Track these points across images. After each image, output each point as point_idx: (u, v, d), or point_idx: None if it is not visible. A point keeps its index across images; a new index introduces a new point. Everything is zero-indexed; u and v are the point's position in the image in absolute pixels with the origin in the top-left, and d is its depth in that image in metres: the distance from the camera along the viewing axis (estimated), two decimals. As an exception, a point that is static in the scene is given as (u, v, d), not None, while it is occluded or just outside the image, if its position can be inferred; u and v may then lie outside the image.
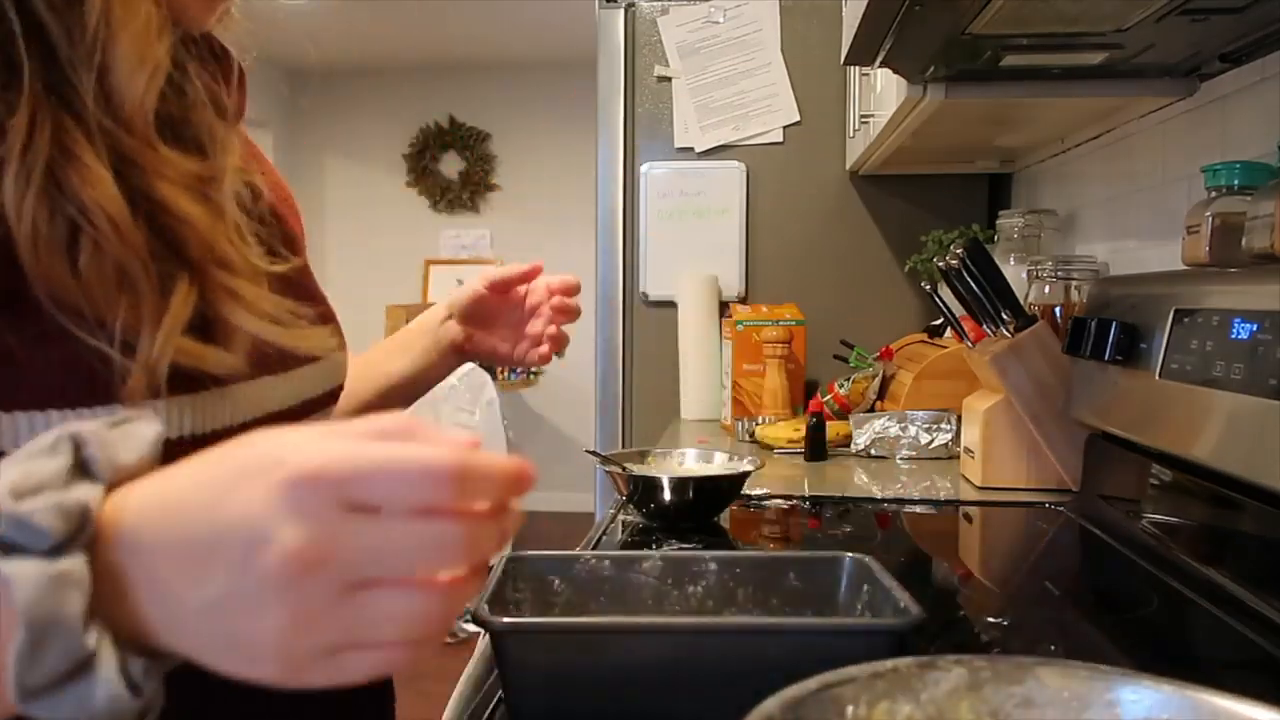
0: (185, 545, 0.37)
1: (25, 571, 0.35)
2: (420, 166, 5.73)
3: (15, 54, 0.49)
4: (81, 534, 0.36)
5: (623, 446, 2.48)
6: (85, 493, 0.37)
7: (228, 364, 0.54)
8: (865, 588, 0.74)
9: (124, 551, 0.37)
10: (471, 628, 0.36)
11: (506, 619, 0.66)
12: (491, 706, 0.73)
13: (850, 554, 0.78)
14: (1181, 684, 0.48)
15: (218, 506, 0.37)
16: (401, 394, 1.00)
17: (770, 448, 1.81)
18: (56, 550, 0.35)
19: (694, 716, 0.63)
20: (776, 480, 1.53)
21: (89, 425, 0.39)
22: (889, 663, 0.51)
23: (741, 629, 0.71)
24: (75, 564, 0.36)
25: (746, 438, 1.91)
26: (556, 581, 0.77)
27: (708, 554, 0.80)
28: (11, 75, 0.49)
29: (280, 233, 0.68)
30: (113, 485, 0.38)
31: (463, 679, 0.82)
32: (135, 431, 0.40)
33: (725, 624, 0.74)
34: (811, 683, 0.49)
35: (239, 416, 0.57)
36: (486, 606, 0.66)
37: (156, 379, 0.50)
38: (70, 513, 0.36)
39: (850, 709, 0.49)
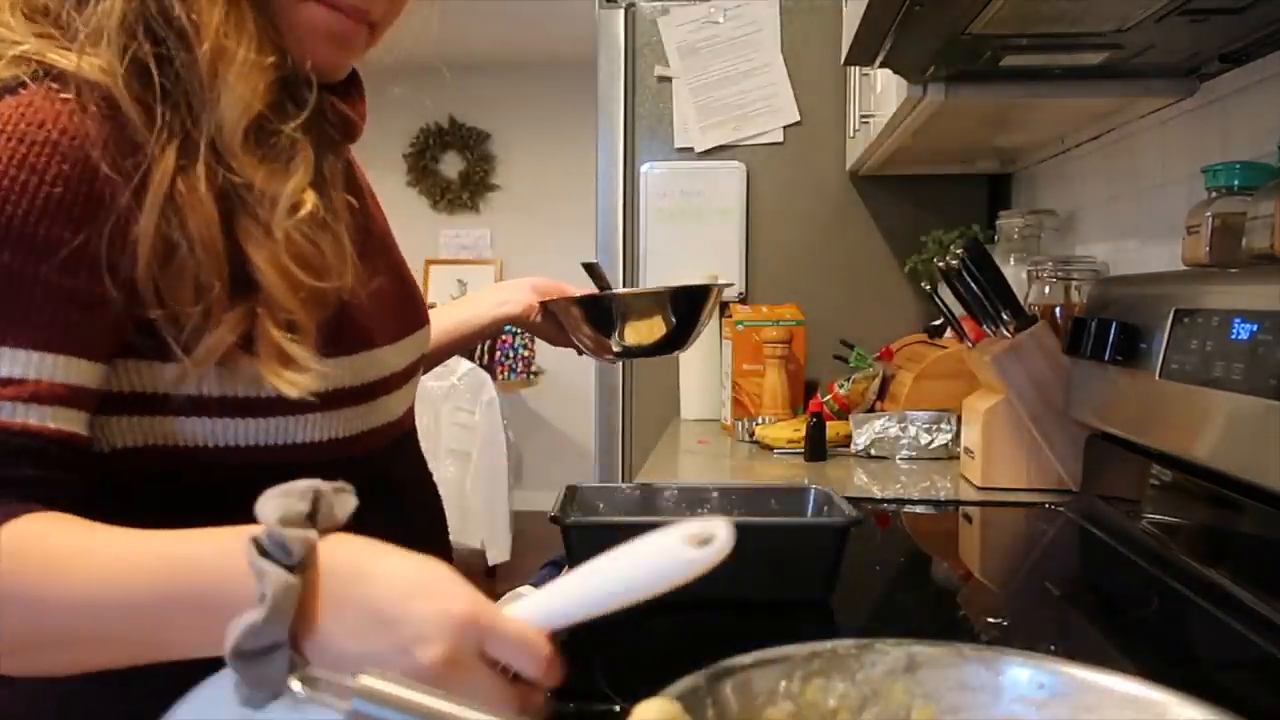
0: (371, 610, 0.52)
1: (278, 575, 0.49)
2: (420, 166, 5.73)
3: (153, 97, 0.63)
4: (307, 561, 0.51)
5: (622, 446, 2.48)
6: (313, 535, 0.52)
7: (301, 385, 0.66)
8: (825, 508, 1.00)
9: (328, 581, 0.52)
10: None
11: (573, 517, 0.95)
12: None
13: (815, 486, 1.04)
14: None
15: (406, 601, 0.52)
16: (439, 355, 1.15)
17: (770, 448, 1.81)
18: (291, 568, 0.50)
19: (702, 587, 0.76)
20: (777, 481, 1.53)
21: (325, 485, 0.54)
22: (828, 643, 0.51)
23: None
24: (300, 581, 0.50)
25: (746, 438, 1.91)
26: (601, 505, 1.05)
27: (710, 485, 1.09)
28: (152, 107, 0.63)
29: (369, 244, 0.82)
30: (323, 531, 0.54)
31: None
32: (345, 500, 0.55)
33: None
34: (745, 658, 0.49)
35: (377, 374, 0.76)
36: (559, 514, 0.93)
37: (199, 373, 0.64)
38: (308, 545, 0.51)
39: (783, 684, 0.49)
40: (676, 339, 1.18)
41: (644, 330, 1.16)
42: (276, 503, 0.52)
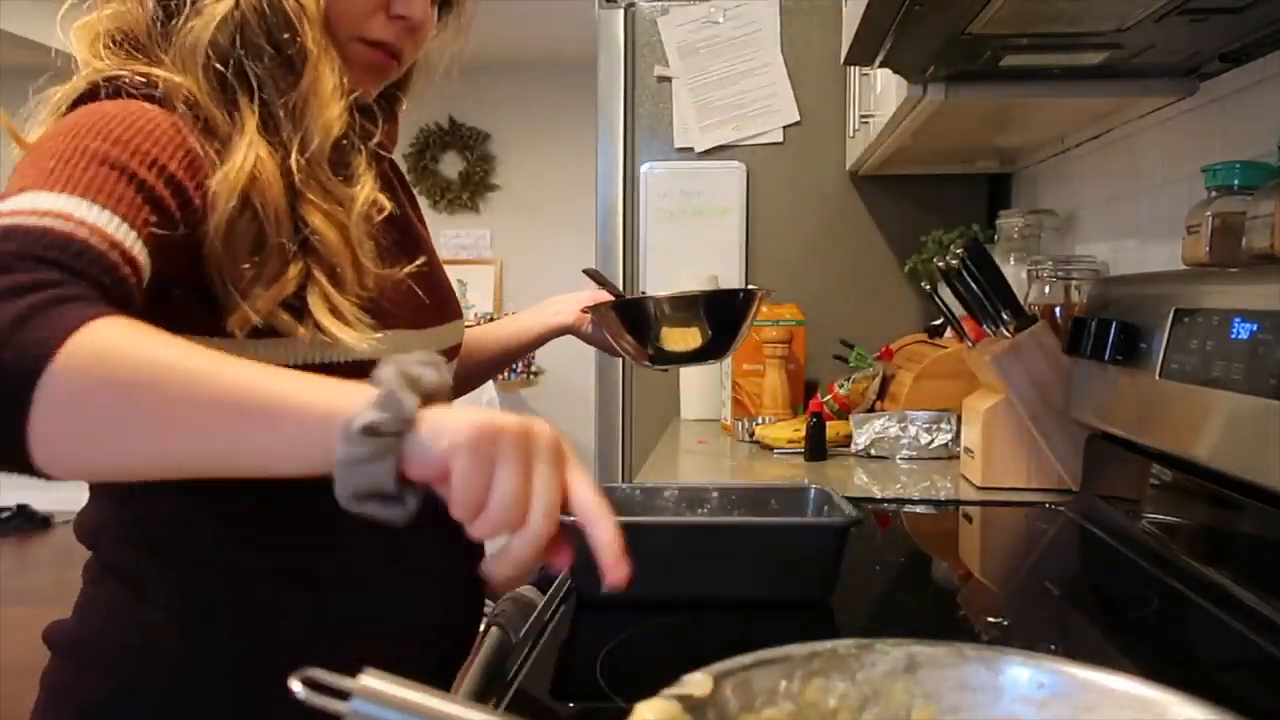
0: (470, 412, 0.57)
1: (390, 373, 0.55)
2: (420, 166, 5.73)
3: (240, 102, 0.76)
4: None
5: (622, 446, 2.48)
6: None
7: (352, 336, 0.76)
8: (825, 508, 1.00)
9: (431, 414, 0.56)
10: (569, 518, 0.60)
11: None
12: (502, 690, 0.73)
13: (815, 486, 1.04)
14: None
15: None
16: (494, 361, 1.25)
17: (770, 448, 1.81)
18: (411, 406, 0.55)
19: (702, 587, 0.90)
20: (777, 480, 1.53)
21: (436, 357, 0.60)
22: (828, 643, 0.51)
23: (730, 525, 1.01)
24: (414, 398, 0.55)
25: (746, 437, 1.91)
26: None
27: (710, 485, 1.08)
28: (234, 111, 0.76)
29: (407, 238, 0.92)
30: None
31: (476, 663, 0.85)
32: (442, 365, 0.60)
33: (719, 521, 1.04)
34: (745, 658, 0.49)
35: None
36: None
37: (247, 325, 0.73)
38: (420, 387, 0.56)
39: (783, 684, 0.49)
40: (717, 346, 1.17)
41: (682, 337, 1.15)
42: (415, 358, 0.58)
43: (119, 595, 0.83)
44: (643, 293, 1.17)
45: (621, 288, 2.44)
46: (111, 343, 0.55)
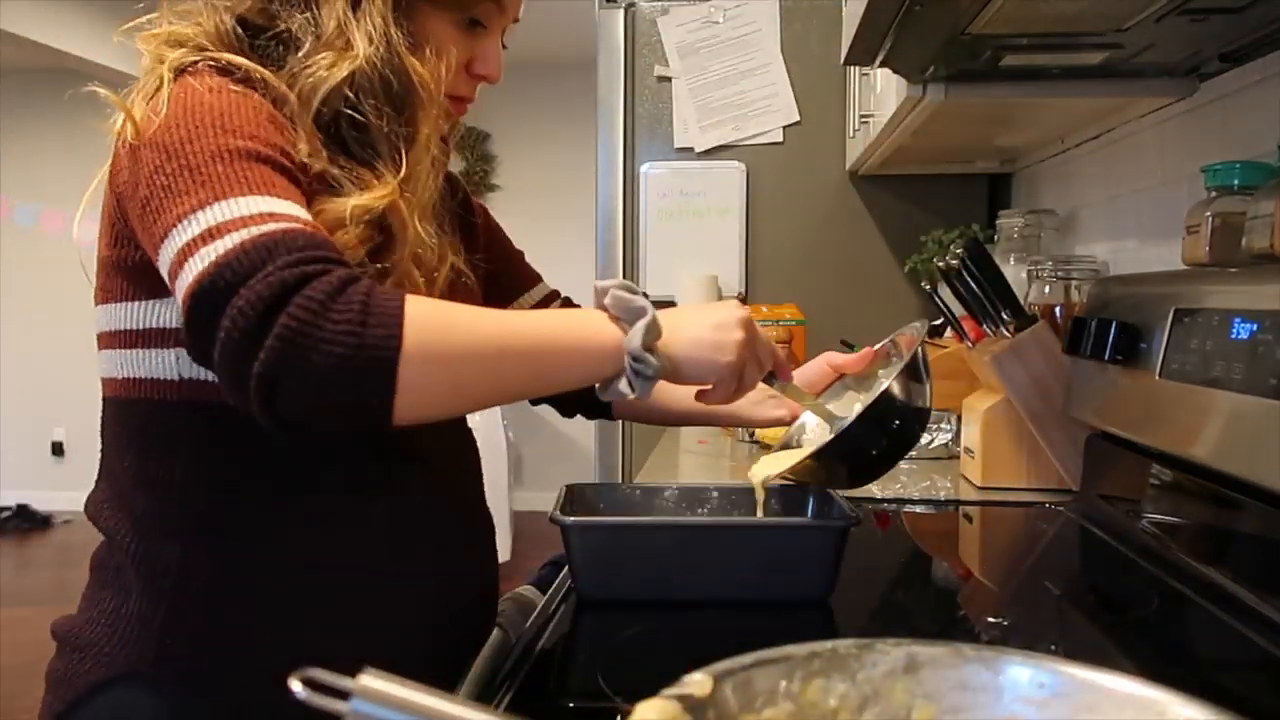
0: (699, 308, 0.84)
1: (648, 306, 0.78)
2: (420, 166, 5.73)
3: (382, 167, 0.84)
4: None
5: (622, 446, 2.48)
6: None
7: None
8: (825, 508, 1.01)
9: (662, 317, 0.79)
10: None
11: (573, 517, 0.96)
12: (502, 691, 0.73)
13: (815, 485, 1.04)
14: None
15: (719, 305, 0.84)
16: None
17: (770, 448, 1.81)
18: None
19: (702, 587, 0.92)
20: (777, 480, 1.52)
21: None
22: (828, 643, 0.51)
23: (730, 525, 1.02)
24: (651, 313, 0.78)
25: (746, 437, 1.91)
26: (601, 505, 1.07)
27: (710, 485, 1.09)
28: (377, 174, 0.84)
29: (472, 240, 1.06)
30: None
31: (476, 663, 0.85)
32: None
33: (719, 521, 1.05)
34: (745, 658, 0.49)
35: None
36: (559, 514, 0.94)
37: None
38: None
39: (783, 684, 0.49)
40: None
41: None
42: (614, 281, 0.79)
43: (111, 583, 0.84)
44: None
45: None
46: (434, 316, 0.70)
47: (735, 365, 0.82)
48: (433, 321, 0.69)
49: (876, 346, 1.14)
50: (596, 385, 0.78)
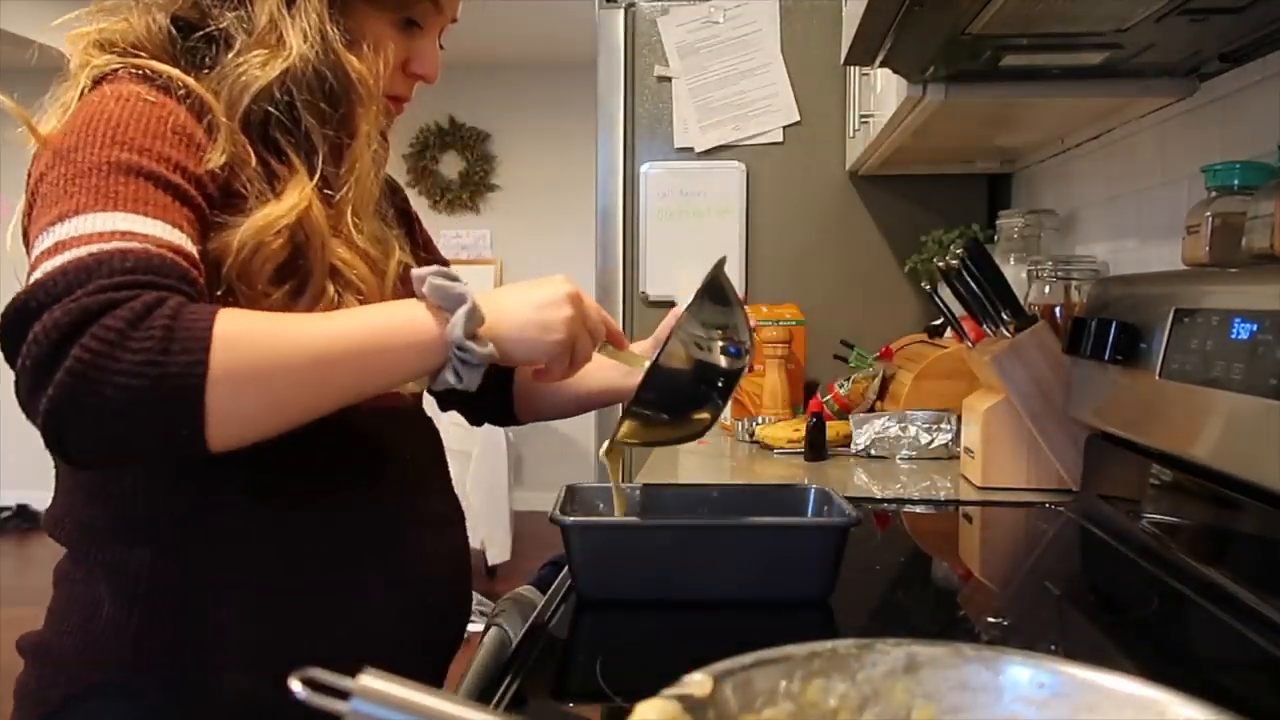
0: (522, 287, 0.82)
1: (468, 292, 0.76)
2: (420, 166, 5.73)
3: (283, 146, 0.83)
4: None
5: (623, 446, 2.48)
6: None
7: None
8: (825, 507, 1.02)
9: (484, 302, 0.77)
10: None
11: (573, 518, 0.96)
12: (502, 690, 0.73)
13: (815, 486, 1.05)
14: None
15: (544, 281, 0.83)
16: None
17: (770, 448, 1.81)
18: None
19: (702, 587, 0.92)
20: (777, 480, 1.53)
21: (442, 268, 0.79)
22: (828, 643, 0.51)
23: (730, 525, 1.00)
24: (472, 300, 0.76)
25: (746, 438, 1.91)
26: (601, 505, 1.06)
27: (711, 485, 1.09)
28: (271, 154, 0.83)
29: (413, 236, 1.07)
30: None
31: (476, 663, 0.85)
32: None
33: (719, 521, 1.03)
34: (745, 658, 0.49)
35: None
36: (559, 514, 0.94)
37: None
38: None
39: (783, 684, 0.49)
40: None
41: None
42: (430, 269, 0.76)
43: (79, 595, 0.82)
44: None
45: (621, 287, 2.45)
46: (244, 334, 0.67)
47: (565, 342, 0.81)
48: (241, 339, 0.66)
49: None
50: (428, 379, 0.77)
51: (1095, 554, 1.18)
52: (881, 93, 1.80)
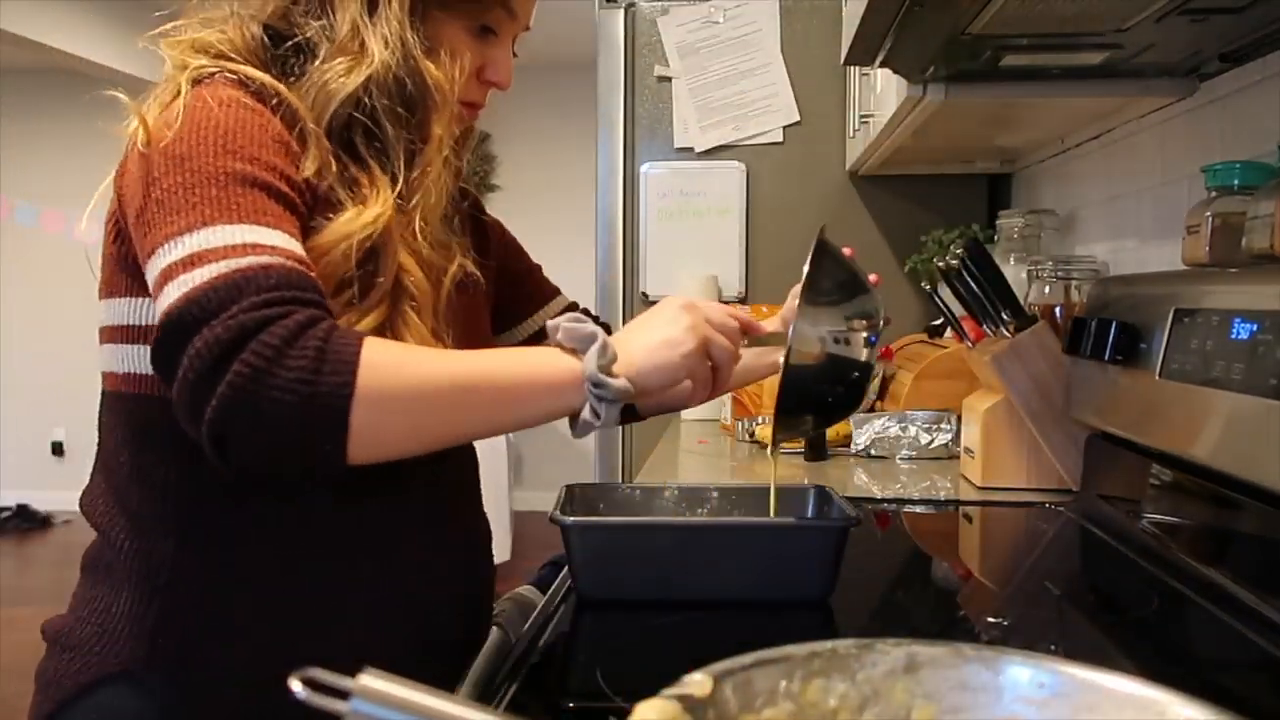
0: (642, 319, 0.85)
1: (598, 331, 0.78)
2: (420, 166, 5.73)
3: (362, 152, 0.84)
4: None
5: (622, 446, 2.48)
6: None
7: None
8: (825, 507, 1.01)
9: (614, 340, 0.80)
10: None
11: (573, 518, 0.96)
12: (502, 690, 0.73)
13: (815, 485, 1.06)
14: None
15: (657, 306, 0.86)
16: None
17: (767, 446, 1.81)
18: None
19: (702, 587, 0.92)
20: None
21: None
22: (828, 643, 0.51)
23: (730, 525, 1.02)
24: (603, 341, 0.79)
25: (746, 438, 1.91)
26: (601, 505, 1.06)
27: (710, 485, 1.09)
28: (352, 159, 0.84)
29: (483, 244, 1.06)
30: None
31: (476, 663, 0.85)
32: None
33: (719, 521, 1.05)
34: (745, 658, 0.49)
35: None
36: (559, 514, 0.94)
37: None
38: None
39: (783, 684, 0.49)
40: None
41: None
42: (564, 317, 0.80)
43: (102, 582, 0.84)
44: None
45: (621, 287, 2.45)
46: (390, 360, 0.71)
47: (695, 351, 0.82)
48: (389, 366, 0.70)
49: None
50: (569, 424, 0.79)
51: (1095, 554, 1.18)
52: (881, 93, 1.80)
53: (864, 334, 0.92)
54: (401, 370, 0.71)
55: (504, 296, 1.09)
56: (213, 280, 0.69)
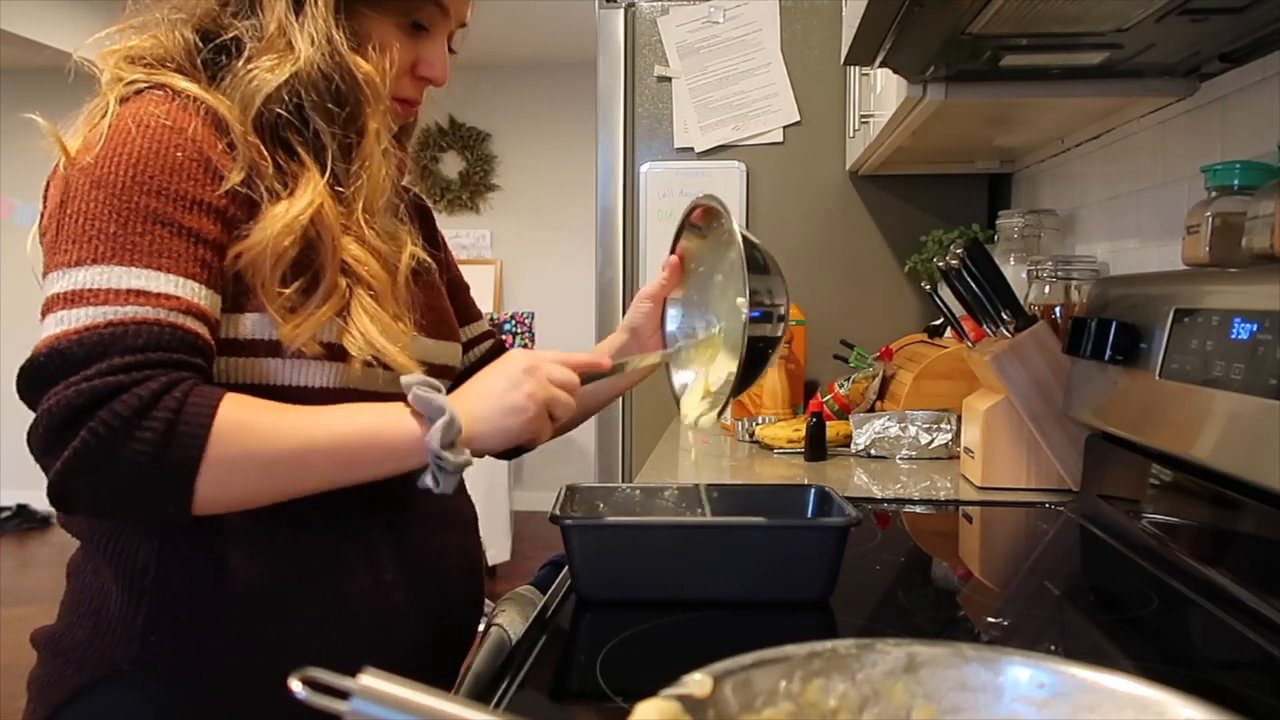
0: (486, 379, 0.87)
1: (447, 404, 0.79)
2: (420, 166, 5.73)
3: (295, 146, 0.85)
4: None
5: (622, 446, 2.48)
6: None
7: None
8: (825, 508, 1.02)
9: (459, 405, 0.81)
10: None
11: (573, 518, 0.97)
12: (502, 690, 0.73)
13: (815, 486, 1.06)
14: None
15: (500, 366, 0.87)
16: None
17: (770, 448, 1.81)
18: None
19: (702, 587, 0.93)
20: (777, 480, 1.53)
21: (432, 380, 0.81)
22: (828, 643, 0.51)
23: (730, 525, 1.00)
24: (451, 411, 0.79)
25: (746, 438, 1.91)
26: (601, 505, 1.07)
27: (711, 485, 1.08)
28: (284, 155, 0.85)
29: (429, 232, 1.09)
30: None
31: (476, 663, 0.85)
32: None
33: (719, 521, 1.03)
34: (745, 658, 0.49)
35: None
36: (559, 513, 0.95)
37: (295, 346, 0.81)
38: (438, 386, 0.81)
39: (783, 684, 0.49)
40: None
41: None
42: (422, 380, 0.80)
43: (89, 587, 0.84)
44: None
45: (621, 287, 2.45)
46: (242, 424, 0.74)
47: (536, 415, 0.85)
48: (238, 434, 0.74)
49: (672, 256, 1.21)
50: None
51: (1095, 554, 1.18)
52: (881, 93, 1.80)
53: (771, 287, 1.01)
54: (250, 440, 0.74)
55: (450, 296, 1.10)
56: (82, 330, 0.72)
